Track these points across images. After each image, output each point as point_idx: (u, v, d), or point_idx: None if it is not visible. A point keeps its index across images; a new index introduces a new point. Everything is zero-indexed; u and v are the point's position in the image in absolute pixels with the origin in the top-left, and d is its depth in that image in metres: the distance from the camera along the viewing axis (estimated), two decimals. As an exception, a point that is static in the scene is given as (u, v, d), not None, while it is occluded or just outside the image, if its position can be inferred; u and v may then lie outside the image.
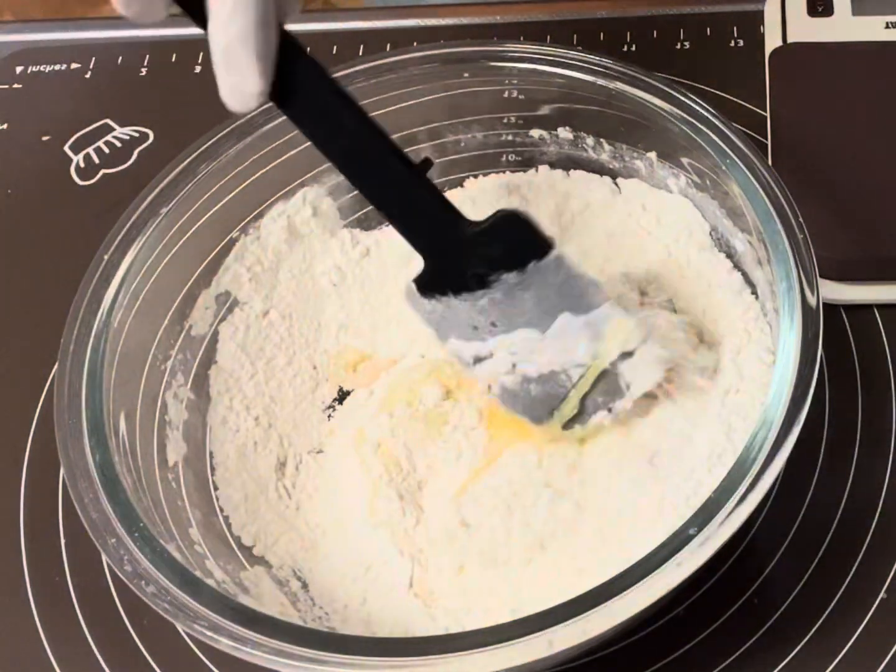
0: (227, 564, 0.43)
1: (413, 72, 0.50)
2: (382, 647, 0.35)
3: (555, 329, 0.43)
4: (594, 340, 0.43)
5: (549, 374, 0.44)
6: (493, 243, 0.42)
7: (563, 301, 0.43)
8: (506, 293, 0.43)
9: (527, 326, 0.43)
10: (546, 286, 0.42)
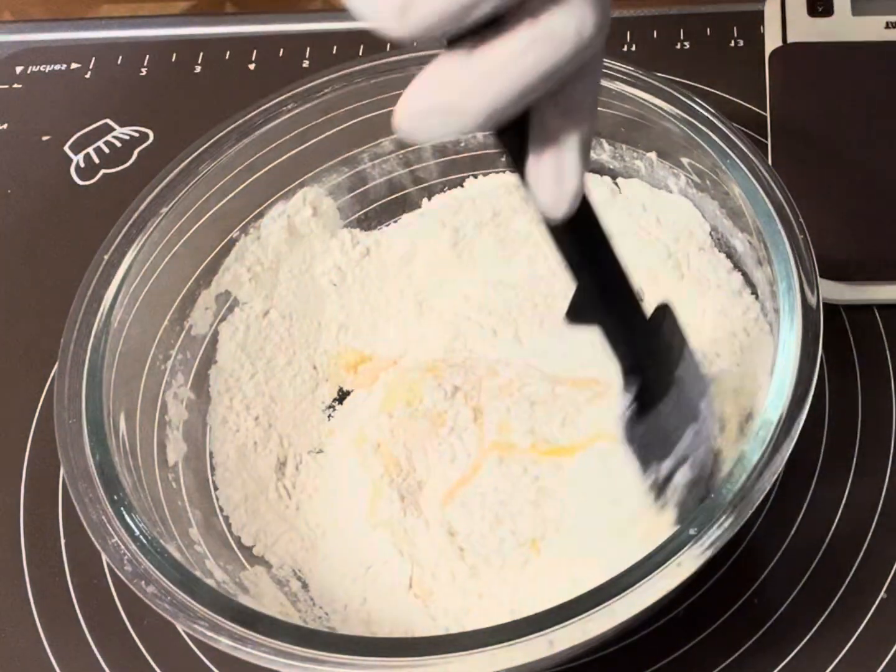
0: (227, 564, 0.43)
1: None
2: (382, 647, 0.35)
3: (702, 415, 0.40)
4: (714, 417, 0.41)
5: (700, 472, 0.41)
6: (663, 343, 0.38)
7: (697, 385, 0.40)
8: (679, 394, 0.39)
9: (690, 423, 0.40)
10: (690, 375, 0.39)
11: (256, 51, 0.64)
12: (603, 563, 0.38)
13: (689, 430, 0.39)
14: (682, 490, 0.40)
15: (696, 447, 0.40)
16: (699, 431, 0.40)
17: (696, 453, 0.40)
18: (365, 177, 0.53)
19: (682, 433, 0.39)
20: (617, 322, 0.36)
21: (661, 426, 0.39)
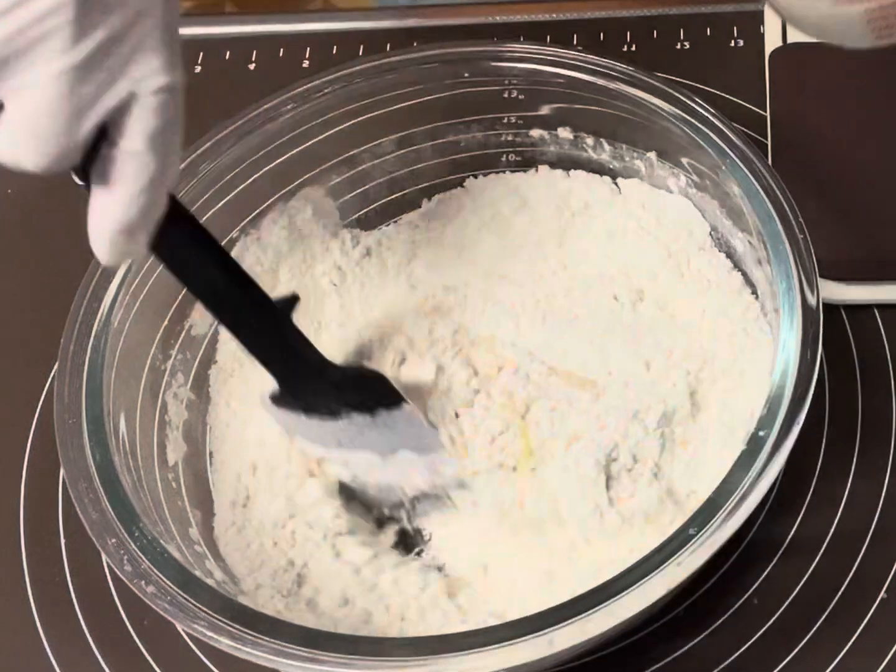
0: (226, 564, 0.43)
1: (413, 72, 0.50)
2: (382, 647, 0.35)
3: (396, 459, 0.45)
4: (433, 475, 0.45)
5: (385, 487, 0.46)
6: (350, 390, 0.45)
7: (405, 441, 0.45)
8: (354, 426, 0.45)
9: (370, 451, 0.45)
10: (392, 429, 0.45)
11: (256, 51, 0.64)
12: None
13: (364, 452, 0.45)
14: (354, 488, 0.46)
15: (368, 468, 0.45)
16: (385, 465, 0.45)
17: (367, 472, 0.45)
18: (365, 177, 0.53)
19: (349, 448, 0.45)
20: (262, 350, 0.43)
21: (312, 430, 0.45)
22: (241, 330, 0.43)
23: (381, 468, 0.46)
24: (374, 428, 0.45)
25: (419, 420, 0.45)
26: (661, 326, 0.48)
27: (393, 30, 0.65)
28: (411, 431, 0.45)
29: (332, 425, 0.45)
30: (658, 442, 0.44)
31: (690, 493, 0.43)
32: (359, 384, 0.45)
